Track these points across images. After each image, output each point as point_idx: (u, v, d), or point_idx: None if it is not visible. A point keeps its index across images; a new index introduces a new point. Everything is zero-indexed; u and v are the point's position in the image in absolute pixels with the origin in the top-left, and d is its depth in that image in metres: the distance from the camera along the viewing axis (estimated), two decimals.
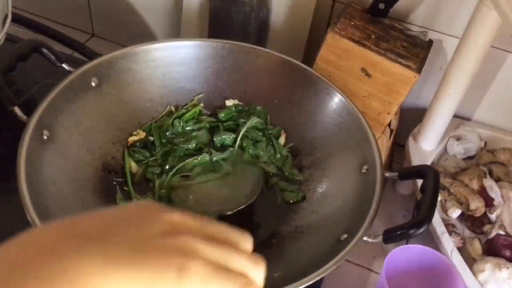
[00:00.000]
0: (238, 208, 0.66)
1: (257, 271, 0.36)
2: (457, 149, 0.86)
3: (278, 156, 0.73)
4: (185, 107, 0.76)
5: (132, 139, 0.72)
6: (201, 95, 0.77)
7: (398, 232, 0.56)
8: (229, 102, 0.77)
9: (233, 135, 0.74)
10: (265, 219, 0.68)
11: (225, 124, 0.76)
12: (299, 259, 0.60)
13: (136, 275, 0.31)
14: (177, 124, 0.74)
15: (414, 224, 0.55)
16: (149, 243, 0.32)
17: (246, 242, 0.37)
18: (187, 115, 0.75)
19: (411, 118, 0.87)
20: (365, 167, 0.64)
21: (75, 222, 0.33)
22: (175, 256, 0.32)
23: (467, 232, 0.77)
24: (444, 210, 0.78)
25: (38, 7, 1.07)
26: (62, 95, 0.64)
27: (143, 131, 0.74)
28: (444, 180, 0.77)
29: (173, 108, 0.76)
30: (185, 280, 0.31)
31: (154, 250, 0.32)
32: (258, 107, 0.76)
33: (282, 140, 0.75)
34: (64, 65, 0.68)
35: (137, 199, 0.67)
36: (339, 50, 0.74)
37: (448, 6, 0.79)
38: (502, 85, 0.84)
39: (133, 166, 0.70)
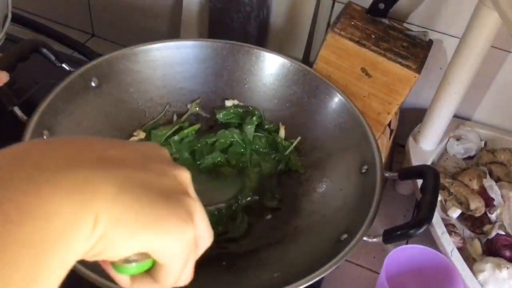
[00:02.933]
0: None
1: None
2: (457, 149, 0.86)
3: (281, 148, 0.73)
4: (186, 111, 0.76)
5: (132, 139, 0.72)
6: (199, 100, 0.77)
7: (398, 232, 0.56)
8: (229, 102, 0.77)
9: (219, 157, 0.72)
10: (265, 219, 0.68)
11: (224, 124, 0.76)
12: (299, 259, 0.60)
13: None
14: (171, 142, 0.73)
15: (414, 224, 0.55)
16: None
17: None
18: (185, 132, 0.74)
19: (411, 118, 0.87)
20: (365, 167, 0.64)
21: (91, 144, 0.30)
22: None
23: (467, 232, 0.77)
24: (444, 210, 0.78)
25: (38, 7, 1.07)
26: (62, 95, 0.64)
27: (143, 131, 0.74)
28: (444, 180, 0.77)
29: (175, 117, 0.76)
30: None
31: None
32: (257, 110, 0.76)
33: (282, 133, 0.75)
34: (64, 65, 0.68)
35: None
36: (339, 50, 0.74)
37: (448, 6, 0.79)
38: (502, 85, 0.84)
39: None
